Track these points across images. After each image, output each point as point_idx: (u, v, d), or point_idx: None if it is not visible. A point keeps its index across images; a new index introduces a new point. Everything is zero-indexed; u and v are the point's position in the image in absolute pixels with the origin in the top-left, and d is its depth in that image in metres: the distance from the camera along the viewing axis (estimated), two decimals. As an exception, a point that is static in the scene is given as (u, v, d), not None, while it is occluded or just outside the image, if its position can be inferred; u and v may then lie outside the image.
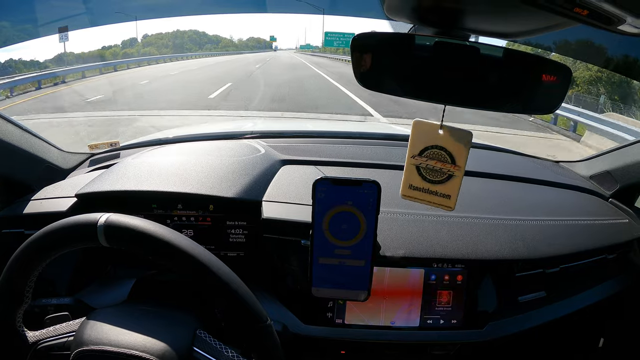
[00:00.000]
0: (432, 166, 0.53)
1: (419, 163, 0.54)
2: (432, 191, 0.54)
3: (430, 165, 0.53)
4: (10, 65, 13.52)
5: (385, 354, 0.84)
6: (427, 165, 0.53)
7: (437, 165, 0.53)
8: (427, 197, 0.55)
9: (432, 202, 0.55)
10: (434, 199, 0.55)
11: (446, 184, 0.54)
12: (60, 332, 0.53)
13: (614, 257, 0.95)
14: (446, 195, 0.54)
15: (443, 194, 0.54)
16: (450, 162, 0.53)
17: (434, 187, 0.54)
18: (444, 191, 0.54)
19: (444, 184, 0.54)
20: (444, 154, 0.53)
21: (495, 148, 1.33)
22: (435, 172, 0.54)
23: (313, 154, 1.05)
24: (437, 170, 0.54)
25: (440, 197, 0.54)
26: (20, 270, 0.48)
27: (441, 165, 0.53)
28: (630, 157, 1.03)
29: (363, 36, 0.48)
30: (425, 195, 0.55)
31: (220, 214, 0.86)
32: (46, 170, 0.96)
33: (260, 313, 0.47)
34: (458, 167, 0.53)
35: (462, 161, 0.53)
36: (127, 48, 38.20)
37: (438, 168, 0.53)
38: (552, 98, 0.49)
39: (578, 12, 0.32)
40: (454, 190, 0.54)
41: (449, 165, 0.53)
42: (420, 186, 0.55)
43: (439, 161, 0.53)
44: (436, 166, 0.53)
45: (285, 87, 10.69)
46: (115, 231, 0.46)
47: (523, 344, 0.93)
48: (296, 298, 0.81)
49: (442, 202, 0.55)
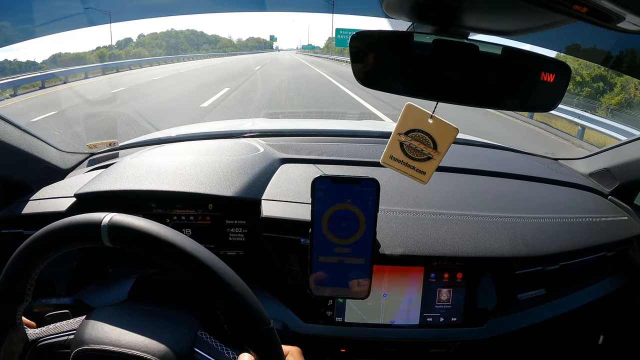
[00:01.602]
0: (415, 146, 0.57)
1: (403, 140, 0.57)
2: (410, 165, 0.58)
3: (413, 145, 0.57)
4: (5, 66, 13.40)
5: (385, 352, 0.84)
6: (410, 144, 0.57)
7: (420, 146, 0.56)
8: (404, 169, 0.59)
9: (407, 173, 0.59)
10: (410, 171, 0.59)
11: (424, 162, 0.57)
12: (61, 330, 0.53)
13: (614, 254, 0.95)
14: (422, 171, 0.58)
15: (419, 169, 0.58)
16: (432, 147, 0.56)
17: (413, 162, 0.58)
18: (421, 168, 0.58)
19: (422, 162, 0.58)
20: (428, 139, 0.56)
21: (495, 146, 1.34)
22: (416, 151, 0.57)
23: (312, 152, 1.05)
24: (418, 150, 0.57)
25: (416, 172, 0.58)
26: (21, 268, 0.48)
27: (423, 147, 0.56)
28: (629, 154, 1.03)
29: (362, 34, 0.48)
30: (403, 167, 0.59)
31: (219, 213, 0.86)
32: (45, 171, 0.96)
33: (263, 316, 0.47)
34: (438, 152, 0.56)
35: (443, 149, 0.56)
36: (114, 49, 37.37)
37: (420, 149, 0.57)
38: (550, 96, 0.49)
39: (577, 9, 0.32)
40: (430, 169, 0.58)
41: (431, 149, 0.56)
42: (400, 159, 0.58)
43: (422, 144, 0.56)
44: (418, 147, 0.57)
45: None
46: (119, 231, 0.45)
47: (523, 341, 0.93)
48: (296, 297, 0.82)
49: (417, 175, 0.59)
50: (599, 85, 12.23)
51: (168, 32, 63.73)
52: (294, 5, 1.27)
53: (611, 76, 11.41)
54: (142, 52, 40.93)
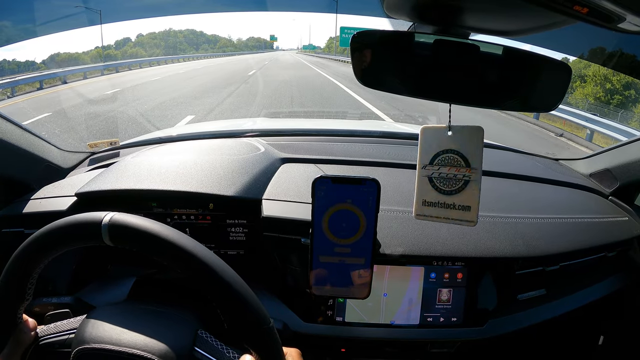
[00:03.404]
0: (446, 174, 0.50)
1: (431, 173, 0.50)
2: (448, 204, 0.50)
3: (443, 174, 0.50)
4: (3, 66, 13.35)
5: (386, 351, 0.84)
6: (440, 174, 0.50)
7: (451, 171, 0.50)
8: (444, 213, 0.50)
9: (450, 217, 0.50)
10: (452, 213, 0.50)
11: (463, 192, 0.50)
12: (61, 329, 0.53)
13: (614, 255, 0.95)
14: (465, 207, 0.50)
15: (462, 205, 0.50)
16: (464, 166, 0.50)
17: (451, 199, 0.50)
18: (462, 202, 0.50)
19: (460, 194, 0.50)
20: (457, 158, 0.50)
21: (495, 146, 1.34)
22: (449, 182, 0.50)
23: (313, 152, 1.05)
24: (451, 179, 0.50)
25: (459, 211, 0.50)
26: (22, 267, 0.48)
27: (455, 170, 0.50)
28: (630, 154, 1.03)
29: (363, 34, 0.48)
30: (442, 211, 0.50)
31: (220, 213, 0.86)
32: (46, 170, 0.96)
33: (263, 315, 0.47)
34: (474, 169, 0.49)
35: (477, 162, 0.49)
36: (111, 49, 36.95)
37: (452, 175, 0.50)
38: (552, 96, 0.49)
39: (578, 9, 0.32)
40: (474, 200, 0.49)
41: (464, 168, 0.50)
42: (435, 200, 0.51)
43: (453, 166, 0.50)
44: (450, 173, 0.50)
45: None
46: (120, 230, 0.46)
47: (523, 341, 0.93)
48: (296, 296, 0.82)
49: (461, 216, 0.50)
50: (631, 93, 11.81)
51: (166, 31, 63.40)
52: (295, 4, 1.27)
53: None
54: (140, 52, 40.47)
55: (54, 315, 0.57)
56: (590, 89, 12.25)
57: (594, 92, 12.07)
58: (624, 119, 8.25)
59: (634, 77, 0.67)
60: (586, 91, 12.22)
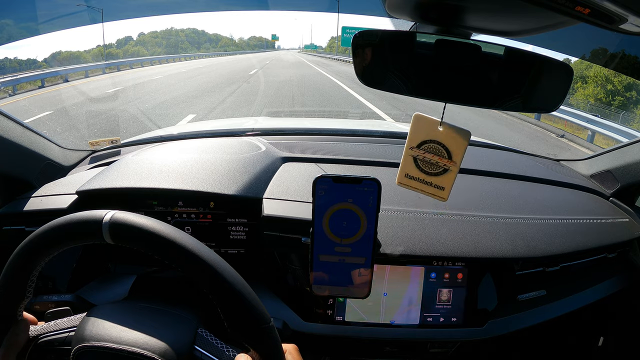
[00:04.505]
0: (429, 159, 0.55)
1: (416, 154, 0.55)
2: (427, 182, 0.56)
3: (427, 158, 0.55)
4: (5, 64, 13.33)
5: (385, 351, 0.84)
6: (424, 158, 0.55)
7: (434, 158, 0.55)
8: (422, 187, 0.57)
9: (426, 191, 0.57)
10: (428, 188, 0.57)
11: (441, 176, 0.56)
12: (62, 326, 0.53)
13: (615, 256, 0.95)
14: (440, 187, 0.56)
15: (437, 185, 0.56)
16: (447, 157, 0.54)
17: (429, 178, 0.56)
18: (438, 183, 0.56)
19: (439, 176, 0.56)
20: (441, 149, 0.54)
21: (496, 146, 1.33)
22: (431, 165, 0.55)
23: (313, 151, 1.05)
24: (433, 164, 0.55)
25: (434, 188, 0.56)
26: (22, 264, 0.48)
27: (438, 159, 0.55)
28: (631, 156, 1.03)
29: (365, 34, 0.48)
30: (420, 185, 0.57)
31: (220, 211, 0.86)
32: (47, 167, 0.96)
33: (263, 314, 0.47)
34: (454, 162, 0.54)
35: (458, 157, 0.54)
36: (113, 48, 36.66)
37: (435, 161, 0.55)
38: (553, 97, 0.49)
39: (580, 10, 0.32)
40: (449, 183, 0.55)
41: (446, 160, 0.54)
42: (416, 176, 0.56)
43: (436, 155, 0.55)
44: (433, 159, 0.55)
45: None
46: (121, 229, 0.46)
47: (523, 342, 0.94)
48: (296, 295, 0.82)
49: (436, 192, 0.56)
50: (632, 94, 11.73)
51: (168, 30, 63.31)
52: (297, 3, 1.27)
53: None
54: (141, 51, 40.29)
55: (54, 313, 0.57)
56: (592, 90, 12.22)
57: (595, 93, 12.03)
58: (625, 120, 8.23)
59: (636, 78, 0.67)
60: (587, 92, 12.19)
